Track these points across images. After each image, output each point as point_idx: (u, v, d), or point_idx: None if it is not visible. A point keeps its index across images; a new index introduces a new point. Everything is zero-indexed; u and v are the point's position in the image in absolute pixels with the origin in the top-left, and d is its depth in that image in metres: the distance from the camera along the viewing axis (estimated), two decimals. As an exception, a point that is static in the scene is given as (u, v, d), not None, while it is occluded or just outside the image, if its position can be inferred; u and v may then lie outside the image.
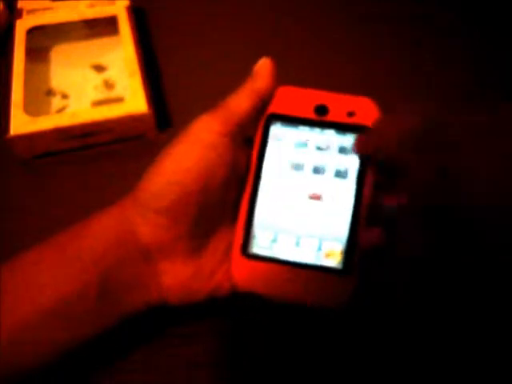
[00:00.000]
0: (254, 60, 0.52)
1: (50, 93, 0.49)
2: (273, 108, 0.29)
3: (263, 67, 0.29)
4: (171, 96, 0.50)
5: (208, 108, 0.30)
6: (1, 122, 0.44)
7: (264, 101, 0.29)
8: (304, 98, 0.29)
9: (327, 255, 0.27)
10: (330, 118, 0.28)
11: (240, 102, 0.29)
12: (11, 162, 0.44)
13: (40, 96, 0.49)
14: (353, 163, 0.28)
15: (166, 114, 0.48)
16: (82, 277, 0.26)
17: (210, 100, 0.31)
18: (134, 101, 0.44)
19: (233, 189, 0.29)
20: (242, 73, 0.47)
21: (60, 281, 0.26)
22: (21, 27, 0.51)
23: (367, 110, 0.28)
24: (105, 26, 0.54)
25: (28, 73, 0.47)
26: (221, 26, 0.57)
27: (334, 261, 0.27)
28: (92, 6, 0.54)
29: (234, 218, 0.29)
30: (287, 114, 0.29)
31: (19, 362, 0.25)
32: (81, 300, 0.26)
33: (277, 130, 0.29)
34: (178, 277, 0.27)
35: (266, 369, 0.31)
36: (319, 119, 0.28)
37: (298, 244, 0.27)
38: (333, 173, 0.28)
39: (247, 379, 0.31)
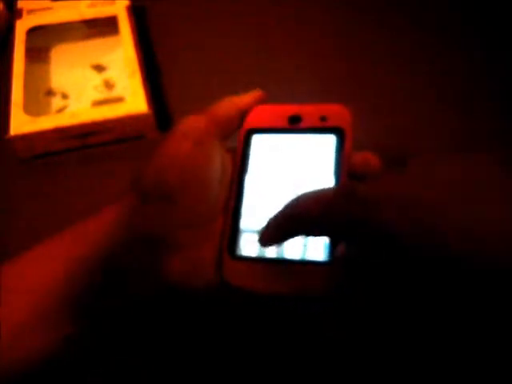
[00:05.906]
0: (254, 60, 0.53)
1: (50, 93, 0.49)
2: (250, 122, 0.32)
3: (253, 93, 0.32)
4: (171, 96, 0.50)
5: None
6: (1, 122, 0.44)
7: (241, 112, 0.32)
8: (278, 112, 0.32)
9: (312, 250, 0.28)
10: (303, 125, 0.31)
11: (219, 108, 0.31)
12: (11, 161, 0.44)
13: (40, 96, 0.49)
14: (329, 164, 0.29)
15: (166, 114, 0.48)
16: (86, 263, 0.27)
17: (210, 100, 0.31)
18: (134, 101, 0.45)
19: (224, 189, 0.30)
20: (242, 72, 0.47)
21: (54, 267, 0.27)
22: (21, 27, 0.51)
23: (338, 114, 0.30)
24: (105, 26, 0.54)
25: (28, 73, 0.47)
26: (220, 26, 0.57)
27: (318, 254, 0.28)
28: (92, 5, 0.54)
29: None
30: (264, 127, 0.32)
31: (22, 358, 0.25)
32: (84, 280, 0.26)
33: (255, 141, 0.32)
34: (178, 267, 0.28)
35: (254, 360, 0.32)
36: (293, 127, 0.31)
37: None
38: (311, 174, 0.29)
39: (236, 370, 0.32)
